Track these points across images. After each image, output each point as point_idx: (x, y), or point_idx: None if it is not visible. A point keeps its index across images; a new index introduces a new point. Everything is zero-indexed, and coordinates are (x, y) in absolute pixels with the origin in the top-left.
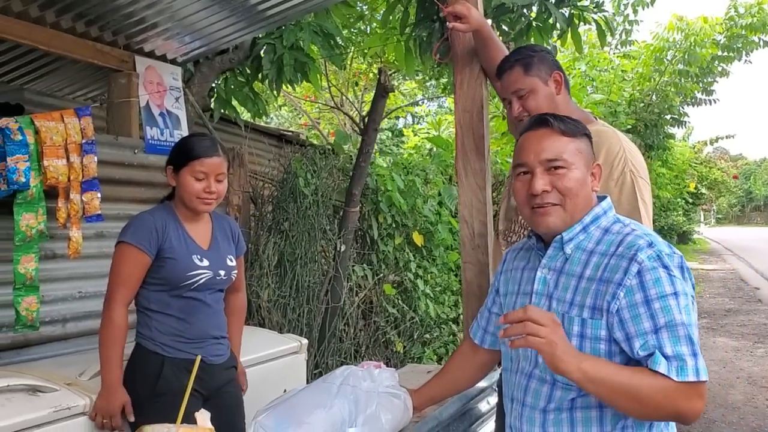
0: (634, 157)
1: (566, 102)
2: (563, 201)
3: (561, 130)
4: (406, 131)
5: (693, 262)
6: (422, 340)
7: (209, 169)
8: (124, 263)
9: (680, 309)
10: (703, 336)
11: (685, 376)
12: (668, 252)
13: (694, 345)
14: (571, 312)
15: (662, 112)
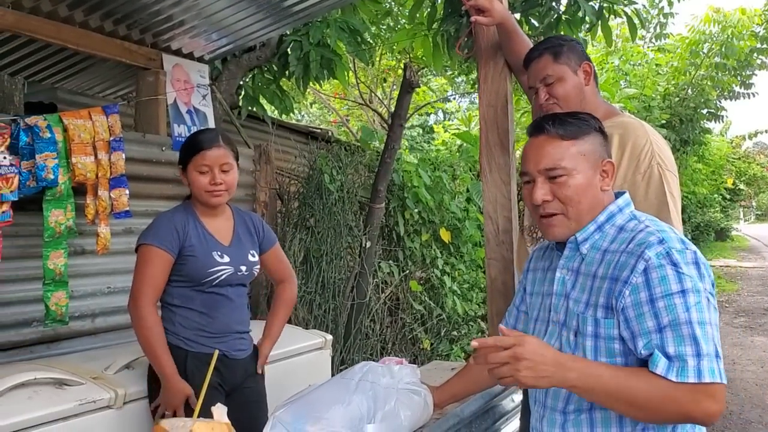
0: (661, 150)
1: (594, 94)
2: (565, 209)
3: (560, 135)
4: (437, 128)
5: (731, 259)
6: (449, 337)
7: (211, 161)
8: (148, 264)
9: (687, 307)
10: (741, 335)
11: (685, 377)
12: (680, 248)
13: (699, 345)
14: (586, 312)
15: (698, 106)
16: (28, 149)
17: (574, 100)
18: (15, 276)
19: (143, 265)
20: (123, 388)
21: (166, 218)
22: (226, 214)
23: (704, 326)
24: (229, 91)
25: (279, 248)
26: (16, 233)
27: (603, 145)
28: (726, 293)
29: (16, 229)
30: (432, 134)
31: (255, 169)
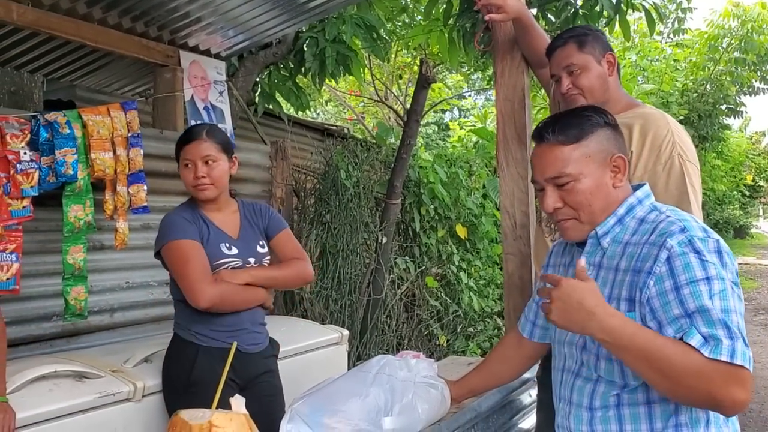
0: (682, 140)
1: (616, 85)
2: (576, 214)
3: (561, 141)
4: (452, 125)
5: (750, 257)
6: (466, 333)
7: (192, 154)
8: (186, 255)
9: (712, 295)
10: (761, 333)
11: (719, 354)
12: (702, 236)
13: (731, 330)
14: (620, 308)
15: (717, 102)
16: (47, 145)
17: (598, 90)
18: (35, 271)
19: (182, 258)
20: (142, 381)
21: (175, 216)
22: (231, 207)
23: (729, 314)
24: (245, 87)
25: (289, 233)
26: (36, 228)
27: (613, 139)
28: (746, 291)
29: (36, 224)
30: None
31: (271, 165)
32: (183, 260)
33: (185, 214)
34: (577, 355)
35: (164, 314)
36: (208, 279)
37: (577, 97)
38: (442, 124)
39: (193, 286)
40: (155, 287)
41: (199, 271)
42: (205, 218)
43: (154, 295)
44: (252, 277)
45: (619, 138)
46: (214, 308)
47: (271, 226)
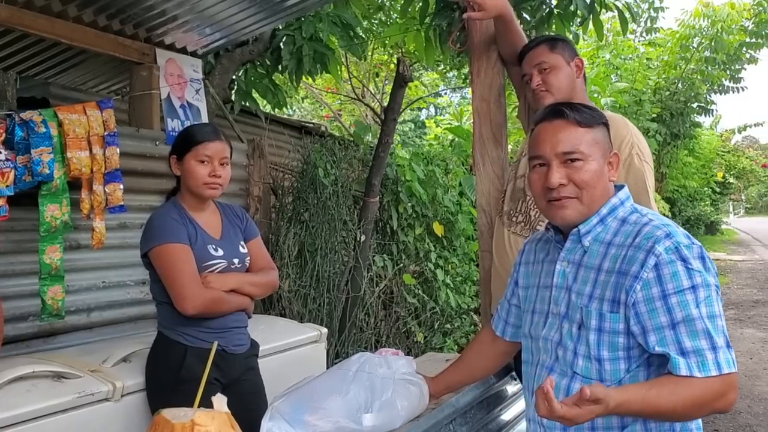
0: (640, 142)
1: (583, 89)
2: (580, 194)
3: (577, 121)
4: (429, 122)
5: (721, 252)
6: (443, 330)
7: (213, 152)
8: (176, 260)
9: (698, 303)
10: (731, 327)
11: (707, 371)
12: (687, 243)
13: (713, 338)
14: (590, 305)
15: (688, 100)
16: (23, 144)
17: (566, 89)
18: (11, 271)
19: (173, 264)
20: (121, 381)
21: (164, 216)
22: (211, 207)
23: (714, 319)
24: (221, 85)
25: (260, 241)
26: (11, 228)
27: (609, 137)
28: None
29: (11, 224)
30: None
31: (248, 163)
32: (173, 266)
33: (173, 215)
34: (552, 351)
35: (141, 313)
36: (197, 286)
37: (545, 94)
38: (419, 122)
39: (182, 293)
40: (132, 286)
41: (190, 278)
42: (191, 219)
43: (131, 294)
44: (238, 283)
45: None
46: (199, 315)
47: (248, 230)
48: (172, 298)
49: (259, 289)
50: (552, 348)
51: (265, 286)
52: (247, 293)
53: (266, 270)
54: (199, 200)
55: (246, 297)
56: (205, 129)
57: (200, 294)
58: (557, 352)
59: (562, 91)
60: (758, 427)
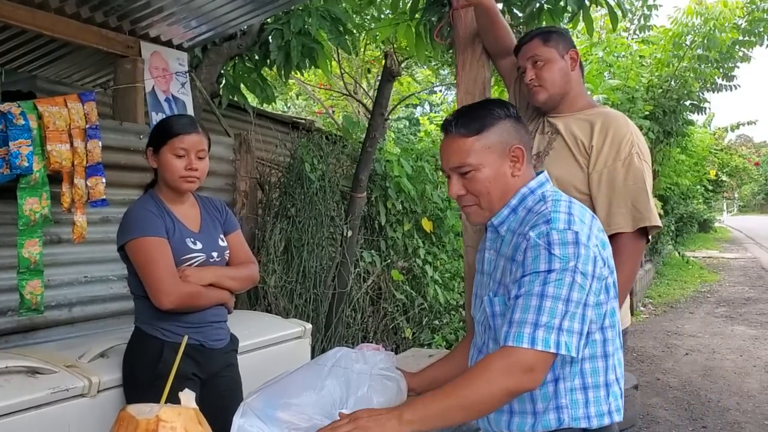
0: (640, 141)
1: (578, 81)
2: (478, 201)
3: (462, 134)
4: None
5: (713, 250)
6: (431, 326)
7: (189, 145)
8: (153, 254)
9: (545, 282)
10: (721, 324)
11: (520, 342)
12: (561, 228)
13: (540, 316)
14: (498, 291)
15: (681, 98)
16: (1, 136)
17: (559, 83)
18: None
19: (149, 257)
20: (97, 377)
21: (141, 209)
22: (190, 200)
23: (556, 301)
24: (209, 79)
25: (240, 234)
26: None
27: (513, 130)
28: (708, 284)
29: None
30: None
31: (235, 158)
32: (149, 259)
33: (150, 208)
34: (481, 333)
35: (124, 309)
36: (174, 280)
37: (538, 89)
38: (413, 119)
39: (158, 287)
40: (115, 281)
41: (166, 272)
42: (169, 212)
43: (113, 289)
44: (216, 277)
45: (520, 129)
46: (176, 310)
47: (228, 223)
48: (148, 293)
49: (239, 283)
50: (482, 331)
51: (245, 280)
52: (227, 287)
53: (246, 264)
54: (176, 193)
55: (225, 291)
56: (181, 121)
57: (177, 288)
58: (485, 335)
59: (556, 85)
60: (747, 424)
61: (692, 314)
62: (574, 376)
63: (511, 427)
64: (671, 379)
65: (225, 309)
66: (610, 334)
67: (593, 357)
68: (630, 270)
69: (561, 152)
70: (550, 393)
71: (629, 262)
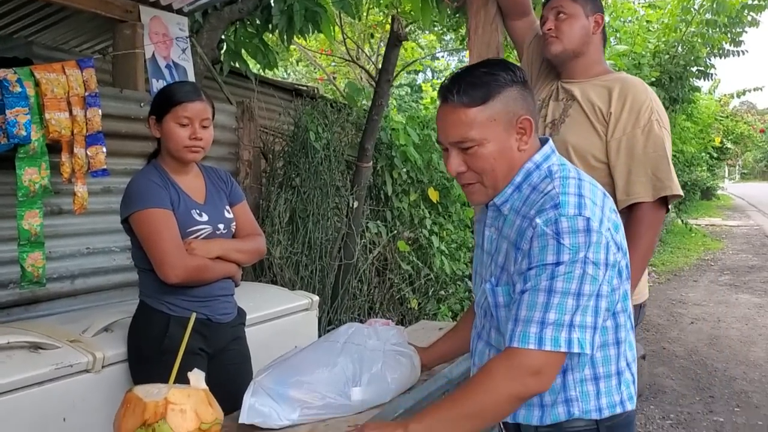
0: (659, 108)
1: (598, 46)
2: (480, 178)
3: (465, 103)
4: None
5: (716, 218)
6: (437, 296)
7: (193, 113)
8: (158, 226)
9: (554, 276)
10: (726, 293)
11: (526, 343)
12: (572, 214)
13: (547, 313)
14: (501, 280)
15: (688, 64)
16: None
17: (578, 41)
18: None
19: (154, 230)
20: (101, 352)
21: (145, 180)
22: (194, 170)
23: (565, 296)
24: (210, 45)
25: (246, 206)
26: None
27: (521, 99)
28: (711, 251)
29: None
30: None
31: (238, 126)
32: (155, 232)
33: (154, 179)
34: (482, 319)
35: (127, 280)
36: (181, 253)
37: (553, 40)
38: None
39: (164, 260)
40: (117, 253)
41: (172, 245)
42: (174, 183)
43: (116, 261)
44: (223, 250)
45: (527, 97)
46: (183, 284)
47: (233, 194)
48: (153, 266)
49: (246, 255)
50: (481, 313)
51: (252, 253)
52: (234, 260)
53: (253, 236)
54: (180, 163)
55: (232, 264)
56: (184, 88)
57: (183, 262)
58: (484, 321)
59: (573, 41)
60: (754, 393)
61: (696, 282)
62: (583, 366)
63: (517, 419)
64: (677, 348)
65: (232, 282)
66: (622, 319)
67: (605, 345)
68: (649, 241)
69: (578, 119)
70: (558, 385)
71: (649, 233)
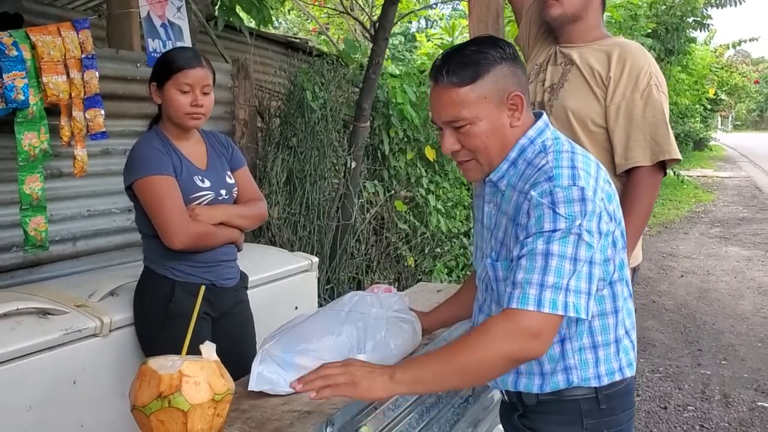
0: (658, 72)
1: (597, 11)
2: (475, 156)
3: (455, 83)
4: (419, 36)
5: (708, 169)
6: (433, 254)
7: (193, 80)
8: (161, 193)
9: (550, 240)
10: (716, 245)
11: (525, 304)
12: (566, 184)
13: (546, 276)
14: (501, 255)
15: (684, 14)
16: None
17: (578, 4)
18: None
19: (158, 196)
20: (108, 316)
21: (147, 146)
22: (196, 136)
23: (562, 260)
24: (204, 1)
25: (247, 170)
26: None
27: (510, 75)
28: (702, 203)
29: None
30: (414, 43)
31: (233, 85)
32: (158, 198)
33: (157, 145)
34: (483, 293)
35: (128, 241)
36: (184, 219)
37: (553, 3)
38: (409, 35)
39: (168, 227)
40: (118, 214)
41: (176, 211)
42: (176, 149)
43: (117, 222)
44: (226, 216)
45: (518, 72)
46: (187, 250)
47: (234, 159)
48: (158, 232)
49: (249, 221)
50: (482, 287)
51: (255, 218)
52: (237, 226)
53: (254, 201)
54: (182, 129)
55: (235, 230)
56: (185, 54)
57: (187, 228)
58: (485, 294)
59: (573, 4)
60: (740, 346)
61: (687, 235)
62: (581, 335)
63: (518, 387)
64: (667, 302)
65: (235, 247)
66: (619, 288)
67: (603, 314)
68: (647, 204)
69: (576, 84)
70: (557, 353)
71: (646, 197)
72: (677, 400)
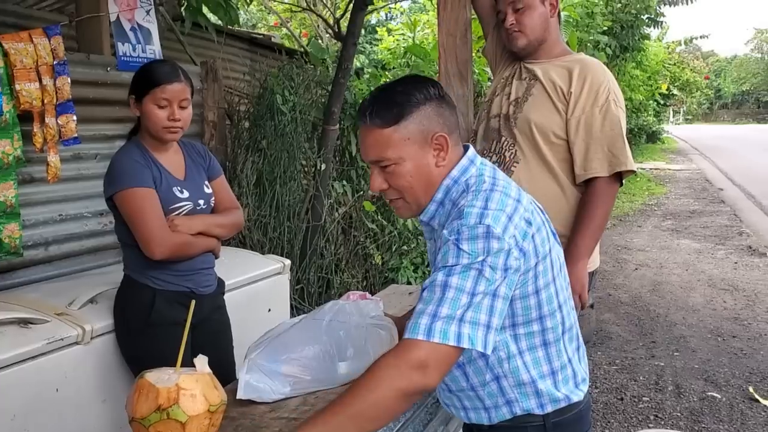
0: (616, 87)
1: (556, 27)
2: (402, 195)
3: (379, 125)
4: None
5: (661, 162)
6: (400, 251)
7: (171, 95)
8: (142, 205)
9: (450, 273)
10: (668, 238)
11: (415, 334)
12: (472, 223)
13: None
14: None
15: (639, 12)
16: None
17: (539, 29)
18: None
19: (138, 208)
20: (89, 324)
21: (127, 158)
22: (174, 147)
23: (460, 292)
24: (170, 2)
25: (224, 179)
26: None
27: (435, 116)
28: (655, 196)
29: None
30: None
31: (202, 87)
32: (139, 211)
33: (137, 157)
34: None
35: (100, 245)
36: (165, 230)
37: (518, 35)
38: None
39: (149, 238)
40: (90, 218)
41: (156, 223)
42: (155, 160)
43: (89, 226)
44: (205, 226)
45: (444, 112)
46: (167, 260)
47: (211, 169)
48: (139, 244)
49: (226, 230)
50: None
51: (232, 227)
52: (215, 235)
53: (231, 210)
54: (162, 142)
55: (213, 239)
56: (163, 69)
57: (168, 239)
58: None
59: (535, 31)
60: (691, 337)
61: (641, 228)
62: (515, 371)
63: (471, 420)
64: (622, 295)
65: (213, 255)
66: (550, 323)
67: (532, 348)
68: (604, 212)
69: (540, 98)
70: (494, 391)
71: (604, 206)
72: (633, 391)
